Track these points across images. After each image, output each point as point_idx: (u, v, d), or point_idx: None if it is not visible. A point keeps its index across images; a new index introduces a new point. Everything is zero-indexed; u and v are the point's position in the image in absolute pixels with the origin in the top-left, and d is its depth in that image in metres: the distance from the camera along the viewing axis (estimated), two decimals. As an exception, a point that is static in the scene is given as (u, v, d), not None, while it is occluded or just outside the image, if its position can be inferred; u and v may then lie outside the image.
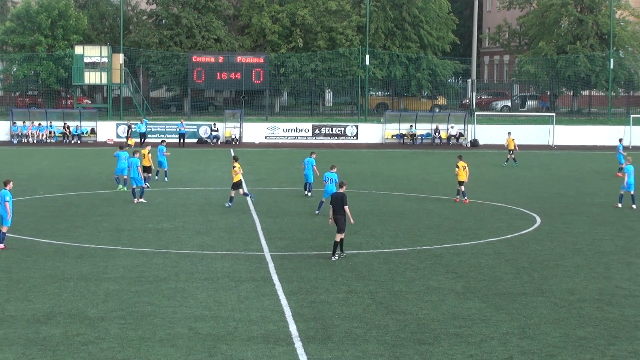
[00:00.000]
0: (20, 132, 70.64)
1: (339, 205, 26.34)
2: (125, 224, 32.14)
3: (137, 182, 37.81)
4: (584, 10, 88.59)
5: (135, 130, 69.84)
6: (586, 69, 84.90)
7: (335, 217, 26.41)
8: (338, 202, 26.40)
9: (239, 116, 73.44)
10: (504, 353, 17.67)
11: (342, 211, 26.32)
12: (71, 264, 25.33)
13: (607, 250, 28.51)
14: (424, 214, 35.50)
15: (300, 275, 24.27)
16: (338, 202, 26.40)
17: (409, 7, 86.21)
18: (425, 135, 74.38)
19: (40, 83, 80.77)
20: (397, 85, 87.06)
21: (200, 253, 27.14)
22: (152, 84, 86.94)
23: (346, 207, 26.34)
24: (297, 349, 17.77)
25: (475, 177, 47.38)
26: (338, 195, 26.55)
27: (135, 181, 37.81)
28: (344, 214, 26.36)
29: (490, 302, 21.54)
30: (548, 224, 33.17)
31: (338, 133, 74.06)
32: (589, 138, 74.12)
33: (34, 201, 37.95)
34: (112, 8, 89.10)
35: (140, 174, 38.22)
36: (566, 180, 48.64)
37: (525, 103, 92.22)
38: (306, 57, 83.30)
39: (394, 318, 20.05)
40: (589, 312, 20.79)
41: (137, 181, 37.80)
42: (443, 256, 27.12)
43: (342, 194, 26.56)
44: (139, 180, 37.81)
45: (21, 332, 18.68)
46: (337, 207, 26.36)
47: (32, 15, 79.06)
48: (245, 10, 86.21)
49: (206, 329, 19.03)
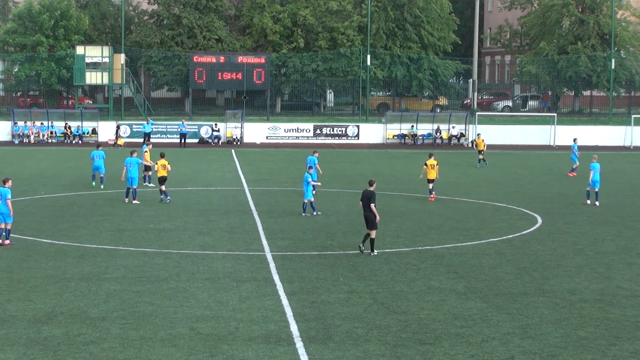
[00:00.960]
0: (22, 132, 70.68)
1: (367, 203, 26.79)
2: (127, 224, 32.15)
3: (134, 182, 37.46)
4: (585, 11, 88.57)
5: (139, 130, 69.95)
6: (587, 69, 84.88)
7: (365, 214, 26.93)
8: (366, 200, 26.87)
9: (240, 116, 73.45)
10: (505, 353, 17.67)
11: (369, 209, 26.71)
12: (72, 264, 25.34)
13: (609, 250, 28.51)
14: (425, 214, 35.51)
15: (301, 275, 24.27)
16: (366, 200, 26.87)
17: (410, 8, 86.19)
18: (426, 136, 74.40)
19: (41, 83, 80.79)
20: (398, 85, 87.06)
21: (202, 253, 27.15)
22: (154, 84, 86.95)
23: (372, 205, 26.73)
24: (298, 349, 17.77)
25: (477, 178, 47.40)
26: (367, 194, 26.97)
27: (132, 181, 37.45)
28: (371, 212, 26.65)
29: (492, 302, 21.55)
30: (549, 224, 33.17)
31: (339, 133, 74.07)
32: (590, 138, 74.07)
33: (36, 201, 37.97)
34: (113, 8, 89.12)
35: (138, 174, 38.12)
36: (567, 180, 48.63)
37: (526, 103, 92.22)
38: (307, 57, 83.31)
39: (395, 318, 20.05)
40: (590, 312, 20.79)
41: (133, 181, 37.46)
42: (444, 256, 27.13)
43: (372, 192, 27.00)
44: (135, 181, 37.51)
45: (22, 332, 18.69)
46: (365, 205, 26.91)
47: (34, 16, 79.08)
48: (247, 11, 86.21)
49: (207, 329, 19.04)
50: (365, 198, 26.90)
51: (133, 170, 37.47)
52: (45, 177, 46.53)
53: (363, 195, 27.07)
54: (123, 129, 71.57)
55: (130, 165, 37.53)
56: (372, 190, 27.08)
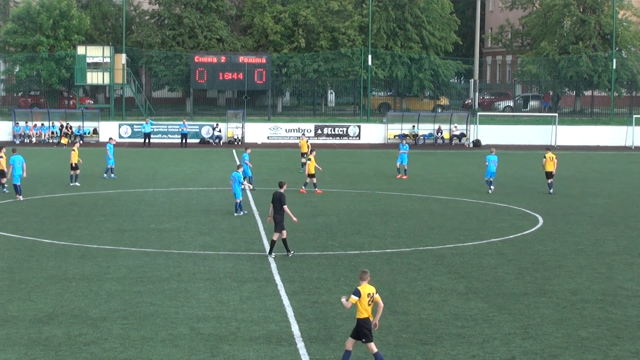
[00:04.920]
0: (23, 132, 70.69)
1: (279, 205, 26.26)
2: (128, 224, 32.15)
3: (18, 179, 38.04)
4: (587, 11, 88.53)
5: (140, 131, 69.93)
6: (588, 69, 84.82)
7: (274, 216, 26.33)
8: (277, 201, 26.32)
9: (241, 116, 73.44)
10: (507, 353, 17.66)
11: (281, 211, 26.23)
12: (73, 264, 25.34)
13: (610, 250, 28.50)
14: (427, 214, 35.49)
15: (302, 275, 24.27)
16: (277, 201, 26.32)
17: (411, 8, 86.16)
18: (427, 136, 74.37)
19: (42, 83, 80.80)
20: (399, 85, 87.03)
21: (203, 253, 27.14)
22: (155, 84, 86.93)
23: (285, 206, 26.27)
24: (299, 349, 17.77)
25: (478, 177, 47.36)
26: (277, 195, 26.44)
27: (17, 178, 37.97)
28: (283, 214, 26.23)
29: (493, 303, 21.54)
30: (550, 225, 33.15)
31: (340, 133, 74.05)
32: (591, 138, 74.07)
33: (37, 201, 37.96)
34: (114, 8, 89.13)
35: None
36: (569, 180, 48.60)
37: (527, 103, 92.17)
38: (308, 57, 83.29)
39: (396, 318, 20.05)
40: (591, 312, 20.78)
41: (17, 178, 37.99)
42: (445, 256, 27.11)
43: (282, 194, 26.50)
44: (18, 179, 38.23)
45: (23, 332, 18.69)
46: (276, 207, 26.31)
47: (32, 16, 79.09)
48: (248, 11, 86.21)
49: (208, 329, 19.03)
50: (276, 200, 26.33)
51: (18, 168, 38.35)
52: (46, 177, 46.52)
53: (273, 198, 26.47)
54: (126, 130, 71.50)
55: (18, 163, 38.55)
56: (282, 192, 26.59)
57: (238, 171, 34.68)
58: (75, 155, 43.01)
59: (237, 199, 34.29)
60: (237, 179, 34.13)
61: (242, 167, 35.72)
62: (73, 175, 43.32)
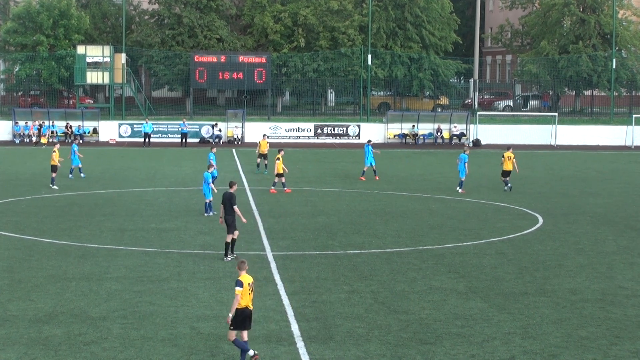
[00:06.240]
0: (23, 131, 70.67)
1: (229, 206, 26.04)
2: (128, 224, 32.15)
3: None
4: (587, 10, 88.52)
5: (140, 130, 69.92)
6: (588, 69, 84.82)
7: (225, 217, 26.11)
8: (227, 202, 26.07)
9: (241, 116, 73.42)
10: (506, 353, 17.66)
11: (232, 211, 25.99)
12: (73, 264, 25.34)
13: (610, 250, 28.50)
14: (427, 214, 35.49)
15: (302, 275, 24.26)
16: (227, 202, 26.07)
17: (411, 7, 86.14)
18: (427, 135, 74.35)
19: (42, 83, 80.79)
20: (399, 85, 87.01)
21: (203, 253, 27.14)
22: (154, 83, 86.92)
23: (235, 207, 25.98)
24: (299, 348, 17.77)
25: (478, 177, 47.38)
26: (227, 195, 26.17)
27: None
28: (234, 214, 26.04)
29: (493, 302, 21.54)
30: (550, 224, 33.15)
31: (340, 133, 74.03)
32: (591, 138, 74.05)
33: (37, 201, 37.97)
34: (114, 8, 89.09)
35: None
36: (569, 180, 48.61)
37: (527, 103, 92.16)
38: (308, 57, 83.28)
39: (396, 318, 20.05)
40: (591, 312, 20.78)
41: None
42: (445, 256, 27.11)
43: (232, 194, 26.20)
44: None
45: (23, 331, 18.69)
46: (227, 208, 26.06)
47: (32, 15, 79.06)
48: (248, 10, 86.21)
49: (208, 328, 19.03)
50: (226, 200, 26.05)
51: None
52: (47, 177, 46.47)
53: (224, 198, 26.18)
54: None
55: None
56: (232, 192, 26.31)
57: (208, 171, 34.22)
58: (56, 156, 42.53)
59: (207, 199, 34.01)
60: (206, 179, 33.73)
61: (212, 167, 35.11)
62: (55, 177, 42.52)
